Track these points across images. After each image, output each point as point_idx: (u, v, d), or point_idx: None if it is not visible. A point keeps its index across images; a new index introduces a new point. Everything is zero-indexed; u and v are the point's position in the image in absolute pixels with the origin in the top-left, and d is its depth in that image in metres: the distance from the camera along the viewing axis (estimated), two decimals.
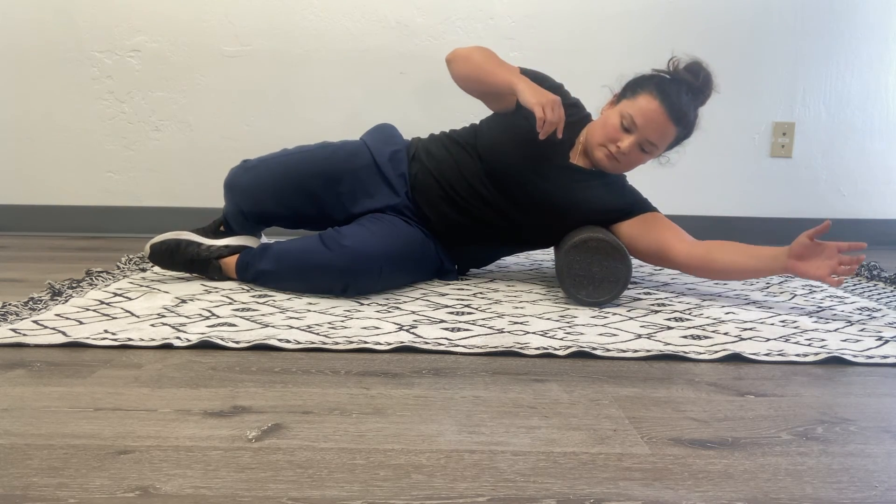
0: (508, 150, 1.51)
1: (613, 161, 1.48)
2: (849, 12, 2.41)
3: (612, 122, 1.46)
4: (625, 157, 1.46)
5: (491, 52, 1.50)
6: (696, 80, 1.46)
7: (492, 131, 1.55)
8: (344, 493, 0.66)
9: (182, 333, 1.15)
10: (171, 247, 1.55)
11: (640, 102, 1.43)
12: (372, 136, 1.65)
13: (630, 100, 1.45)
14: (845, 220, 2.53)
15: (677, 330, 1.25)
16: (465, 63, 1.49)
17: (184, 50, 2.38)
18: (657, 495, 0.67)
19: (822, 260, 1.31)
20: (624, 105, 1.46)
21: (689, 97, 1.45)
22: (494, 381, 0.99)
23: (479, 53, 1.48)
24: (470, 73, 1.48)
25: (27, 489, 0.65)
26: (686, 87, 1.45)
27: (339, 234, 1.44)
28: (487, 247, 1.64)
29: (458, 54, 1.51)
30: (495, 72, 1.44)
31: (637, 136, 1.44)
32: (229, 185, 1.60)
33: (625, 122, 1.44)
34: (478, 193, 1.54)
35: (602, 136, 1.47)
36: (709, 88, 1.48)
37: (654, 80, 1.45)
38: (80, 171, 2.45)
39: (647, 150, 1.46)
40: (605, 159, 1.49)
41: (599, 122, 1.50)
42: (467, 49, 1.50)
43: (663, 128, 1.43)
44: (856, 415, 0.89)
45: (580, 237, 1.41)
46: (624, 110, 1.45)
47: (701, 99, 1.48)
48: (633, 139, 1.44)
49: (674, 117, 1.42)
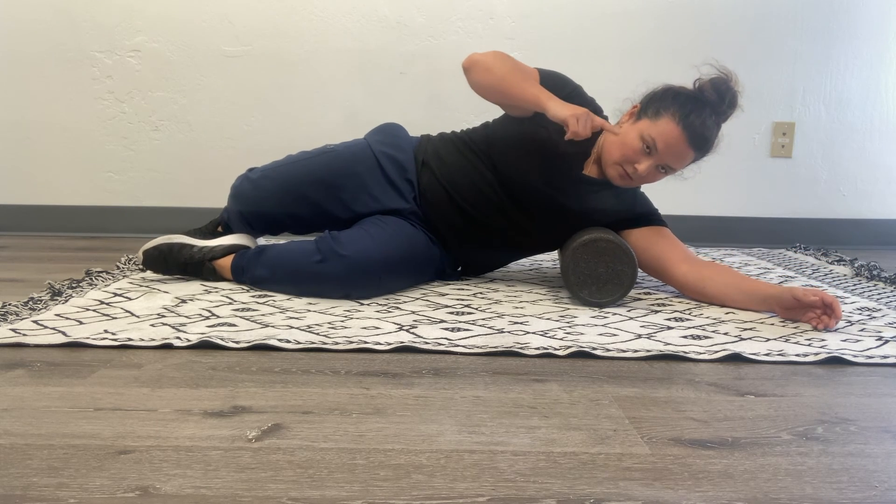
0: (525, 164, 1.48)
1: (627, 179, 1.44)
2: (849, 12, 2.42)
3: (632, 142, 1.40)
4: (640, 178, 1.43)
5: (511, 59, 1.44)
6: (721, 102, 1.40)
7: (507, 143, 1.51)
8: (344, 493, 0.66)
9: (182, 333, 1.15)
10: (164, 251, 1.54)
11: (662, 126, 1.37)
12: (376, 135, 1.61)
13: (652, 121, 1.39)
14: (845, 220, 2.53)
15: (677, 330, 1.25)
16: (486, 74, 1.42)
17: (184, 50, 2.38)
18: (657, 495, 0.67)
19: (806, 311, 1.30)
20: (645, 125, 1.39)
21: (713, 120, 1.39)
22: (494, 381, 0.99)
23: (499, 62, 1.42)
24: (493, 85, 1.42)
25: (27, 489, 0.65)
26: (710, 111, 1.38)
27: (336, 241, 1.41)
28: (494, 253, 1.63)
29: (477, 62, 1.44)
30: (521, 86, 1.38)
31: (656, 160, 1.40)
32: (235, 195, 1.59)
33: (645, 143, 1.38)
34: (490, 203, 1.51)
35: (620, 155, 1.42)
36: (733, 109, 1.42)
37: (677, 102, 1.38)
38: (80, 171, 2.45)
39: (664, 171, 1.43)
40: (617, 178, 1.45)
41: (617, 139, 1.43)
42: (486, 57, 1.43)
43: (684, 154, 1.39)
44: (856, 415, 0.89)
45: (590, 237, 1.41)
46: (645, 132, 1.38)
47: (724, 119, 1.43)
48: (651, 162, 1.39)
49: (695, 145, 1.38)
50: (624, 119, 1.48)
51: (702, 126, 1.37)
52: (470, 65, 1.45)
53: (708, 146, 1.41)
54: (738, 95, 1.42)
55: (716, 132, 1.41)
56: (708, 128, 1.38)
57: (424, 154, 1.58)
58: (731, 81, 1.41)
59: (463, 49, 2.35)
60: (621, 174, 1.44)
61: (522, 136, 1.49)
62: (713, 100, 1.40)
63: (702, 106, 1.39)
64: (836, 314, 1.25)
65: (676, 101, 1.39)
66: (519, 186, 1.49)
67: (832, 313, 1.25)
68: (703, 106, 1.39)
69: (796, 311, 1.31)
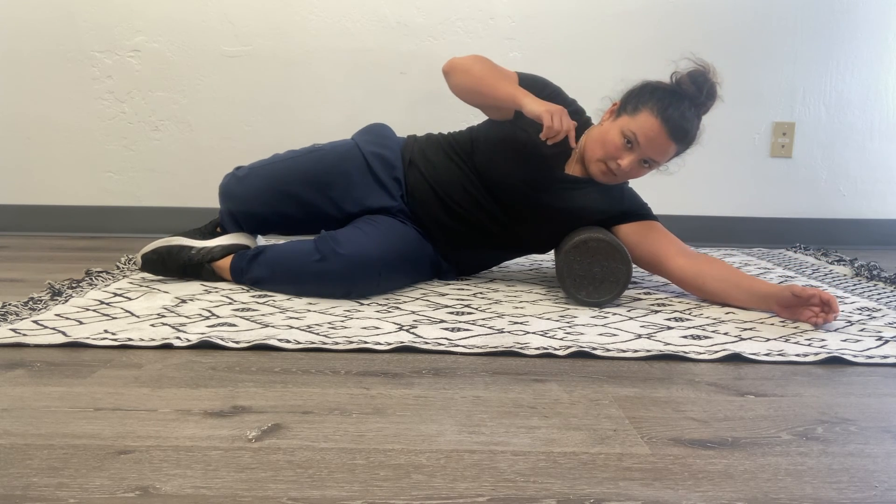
0: (506, 166, 1.49)
1: (610, 175, 1.46)
2: (848, 12, 2.41)
3: (613, 138, 1.41)
4: (623, 173, 1.44)
5: (489, 62, 1.47)
6: (699, 94, 1.41)
7: (489, 146, 1.52)
8: (344, 493, 0.66)
9: (182, 333, 1.15)
10: (163, 254, 1.54)
11: (641, 120, 1.39)
12: (363, 136, 1.63)
13: (631, 116, 1.40)
14: (845, 220, 2.53)
15: (677, 330, 1.25)
16: (464, 76, 1.45)
17: (184, 50, 2.38)
18: (657, 495, 0.67)
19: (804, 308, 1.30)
20: (625, 121, 1.41)
21: (692, 112, 1.41)
22: (494, 381, 0.99)
23: (478, 65, 1.45)
24: (471, 87, 1.45)
25: (27, 489, 0.65)
26: (689, 103, 1.40)
27: (334, 240, 1.42)
28: (485, 253, 1.63)
29: (456, 66, 1.47)
30: (497, 85, 1.41)
31: (638, 154, 1.41)
32: (223, 193, 1.60)
33: (626, 139, 1.40)
34: (476, 203, 1.52)
35: (602, 152, 1.44)
36: (712, 100, 1.43)
37: (655, 96, 1.40)
38: (80, 171, 2.45)
39: (648, 165, 1.44)
40: (600, 175, 1.46)
41: (597, 136, 1.45)
42: (465, 60, 1.47)
43: (665, 146, 1.40)
44: (856, 415, 0.89)
45: (580, 237, 1.41)
46: (625, 127, 1.40)
47: (703, 111, 1.44)
48: (633, 157, 1.41)
49: (675, 137, 1.39)
50: (605, 118, 1.49)
51: (681, 118, 1.39)
52: (449, 69, 1.48)
53: (689, 138, 1.43)
54: (717, 86, 1.43)
55: (696, 124, 1.43)
56: (687, 119, 1.40)
57: (411, 153, 1.60)
58: (708, 73, 1.43)
59: (463, 49, 2.35)
60: (604, 171, 1.45)
61: (504, 139, 1.50)
62: (691, 92, 1.41)
63: (680, 98, 1.40)
64: (833, 309, 1.26)
65: (654, 96, 1.41)
66: (502, 188, 1.50)
67: (829, 309, 1.26)
68: (681, 98, 1.40)
69: (795, 309, 1.31)
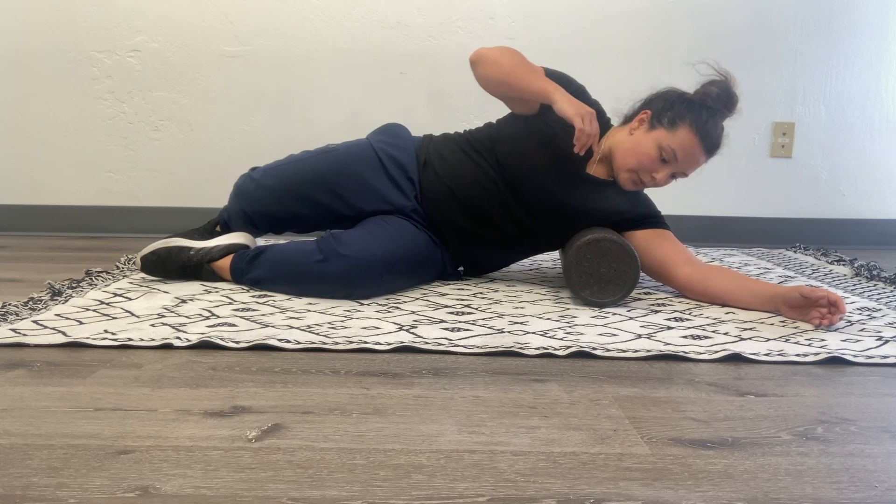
0: (532, 159, 1.48)
1: (639, 185, 1.48)
2: (849, 12, 2.42)
3: (649, 151, 1.42)
4: (656, 186, 1.47)
5: (519, 54, 1.45)
6: (727, 108, 1.46)
7: (513, 137, 1.51)
8: (344, 493, 0.66)
9: (182, 333, 1.15)
10: (162, 256, 1.54)
11: (681, 137, 1.41)
12: (378, 135, 1.62)
13: (669, 131, 1.42)
14: (845, 220, 2.53)
15: (677, 330, 1.25)
16: (493, 67, 1.43)
17: (184, 50, 2.38)
18: (657, 495, 0.67)
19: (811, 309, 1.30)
20: (662, 135, 1.42)
21: (721, 127, 1.46)
22: (494, 381, 0.99)
23: (507, 57, 1.43)
24: (501, 78, 1.43)
25: (27, 489, 0.65)
26: (720, 117, 1.45)
27: (336, 241, 1.41)
28: (496, 253, 1.62)
29: (485, 56, 1.44)
30: (529, 79, 1.40)
31: (673, 168, 1.44)
32: (238, 194, 1.60)
33: (664, 154, 1.42)
34: (493, 200, 1.51)
35: (635, 162, 1.44)
36: (734, 112, 1.48)
37: (692, 111, 1.42)
38: (80, 171, 2.45)
39: (677, 177, 1.48)
40: (629, 184, 1.48)
41: (631, 147, 1.45)
42: (494, 51, 1.45)
43: (699, 162, 1.45)
44: (856, 415, 0.89)
45: (593, 236, 1.41)
46: (663, 142, 1.41)
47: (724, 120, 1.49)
48: (668, 170, 1.44)
49: (710, 153, 1.45)
50: (634, 125, 1.48)
51: (717, 136, 1.45)
52: (477, 59, 1.46)
53: (717, 151, 1.48)
54: (739, 98, 1.48)
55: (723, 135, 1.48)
56: (719, 135, 1.46)
57: (426, 153, 1.58)
58: (732, 85, 1.47)
59: (463, 49, 2.35)
60: (635, 181, 1.47)
61: (529, 133, 1.50)
62: (720, 106, 1.46)
63: (713, 113, 1.44)
64: (840, 310, 1.26)
65: (691, 111, 1.43)
66: (524, 182, 1.49)
67: (836, 311, 1.26)
68: (713, 113, 1.44)
69: (802, 310, 1.31)
